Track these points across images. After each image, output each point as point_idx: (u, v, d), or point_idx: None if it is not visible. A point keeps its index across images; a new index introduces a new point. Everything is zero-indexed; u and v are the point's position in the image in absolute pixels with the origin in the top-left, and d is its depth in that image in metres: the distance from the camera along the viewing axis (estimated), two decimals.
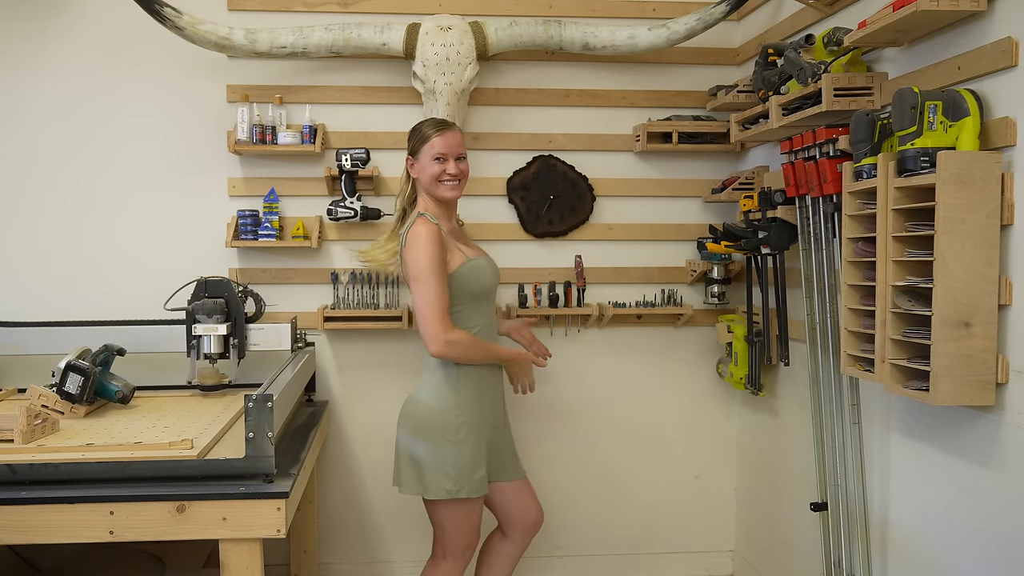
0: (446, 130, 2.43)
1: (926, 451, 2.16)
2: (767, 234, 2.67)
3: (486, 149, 3.22)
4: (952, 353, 1.85)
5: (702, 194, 3.29)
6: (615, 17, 3.22)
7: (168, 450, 2.09)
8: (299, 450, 2.39)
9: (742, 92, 2.95)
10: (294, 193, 3.17)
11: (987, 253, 1.84)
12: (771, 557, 3.09)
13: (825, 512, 2.52)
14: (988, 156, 1.84)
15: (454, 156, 2.41)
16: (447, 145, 2.40)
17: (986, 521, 1.95)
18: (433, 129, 2.42)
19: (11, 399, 2.78)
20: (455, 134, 2.44)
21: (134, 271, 3.13)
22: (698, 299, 3.30)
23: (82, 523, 1.98)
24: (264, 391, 2.09)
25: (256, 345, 2.88)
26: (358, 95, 3.17)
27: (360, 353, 3.24)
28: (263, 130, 3.04)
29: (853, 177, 2.15)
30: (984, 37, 1.92)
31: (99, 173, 3.12)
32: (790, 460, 2.92)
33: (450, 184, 2.41)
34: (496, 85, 3.21)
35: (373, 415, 3.25)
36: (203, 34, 2.93)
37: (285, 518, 2.00)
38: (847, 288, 2.19)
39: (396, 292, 3.19)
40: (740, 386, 3.07)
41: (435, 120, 2.50)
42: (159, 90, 3.12)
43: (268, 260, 3.19)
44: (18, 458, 2.05)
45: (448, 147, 2.40)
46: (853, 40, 2.17)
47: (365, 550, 3.29)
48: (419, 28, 2.99)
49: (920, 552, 2.19)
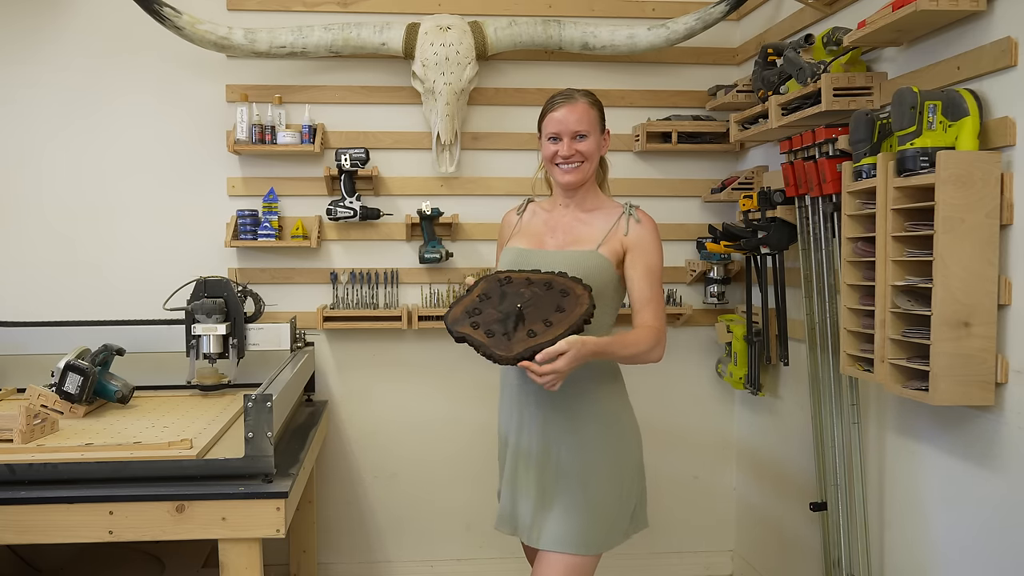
0: (563, 103, 2.04)
1: (925, 451, 2.16)
2: (766, 234, 2.67)
3: (486, 149, 3.22)
4: (951, 353, 1.85)
5: (701, 194, 3.29)
6: (615, 17, 3.22)
7: (167, 450, 2.09)
8: (298, 450, 2.39)
9: (741, 92, 2.95)
10: (293, 193, 3.17)
11: (986, 253, 1.84)
12: (771, 557, 3.09)
13: (825, 512, 2.52)
14: (988, 156, 1.84)
15: (569, 135, 2.02)
16: (560, 123, 2.02)
17: (986, 521, 1.95)
18: (550, 103, 2.06)
19: (10, 399, 2.77)
20: (572, 108, 2.02)
21: (133, 271, 3.13)
22: (697, 299, 3.29)
23: (81, 523, 1.98)
24: (263, 391, 2.09)
25: (255, 345, 2.88)
26: (357, 95, 3.17)
27: (359, 353, 3.24)
28: (262, 130, 3.04)
29: (852, 177, 2.15)
30: (983, 37, 1.92)
31: (98, 173, 3.12)
32: (790, 460, 2.92)
33: (565, 168, 2.04)
34: (495, 85, 3.21)
35: (373, 415, 3.25)
36: (202, 34, 2.93)
37: (284, 518, 2.00)
38: (846, 288, 2.19)
39: (395, 292, 3.19)
40: (740, 386, 3.07)
41: (560, 92, 2.08)
42: (158, 90, 3.12)
43: (267, 260, 3.19)
44: (17, 458, 2.04)
45: (561, 125, 2.02)
46: (852, 40, 2.17)
47: (365, 550, 3.29)
48: (418, 28, 2.99)
49: (920, 552, 2.19)
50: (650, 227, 2.05)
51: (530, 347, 1.77)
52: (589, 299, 1.85)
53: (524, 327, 1.82)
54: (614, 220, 2.05)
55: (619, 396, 2.09)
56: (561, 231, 2.09)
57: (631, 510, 2.07)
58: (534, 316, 1.84)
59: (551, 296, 1.88)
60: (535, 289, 1.90)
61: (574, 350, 1.78)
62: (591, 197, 2.11)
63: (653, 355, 1.98)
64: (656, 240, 2.05)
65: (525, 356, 1.76)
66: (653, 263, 2.02)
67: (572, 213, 2.10)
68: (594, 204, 2.10)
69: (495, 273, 1.97)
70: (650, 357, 1.98)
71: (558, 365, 1.76)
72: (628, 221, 2.04)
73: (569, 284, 1.90)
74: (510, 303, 1.88)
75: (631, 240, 2.02)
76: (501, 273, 1.97)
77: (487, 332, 1.84)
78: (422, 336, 3.25)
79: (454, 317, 1.91)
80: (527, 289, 1.90)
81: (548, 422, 2.02)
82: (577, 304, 1.85)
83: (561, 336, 1.78)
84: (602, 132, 2.09)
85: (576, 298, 1.86)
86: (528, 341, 1.79)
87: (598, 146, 2.08)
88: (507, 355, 1.78)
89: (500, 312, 1.87)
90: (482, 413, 3.27)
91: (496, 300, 1.91)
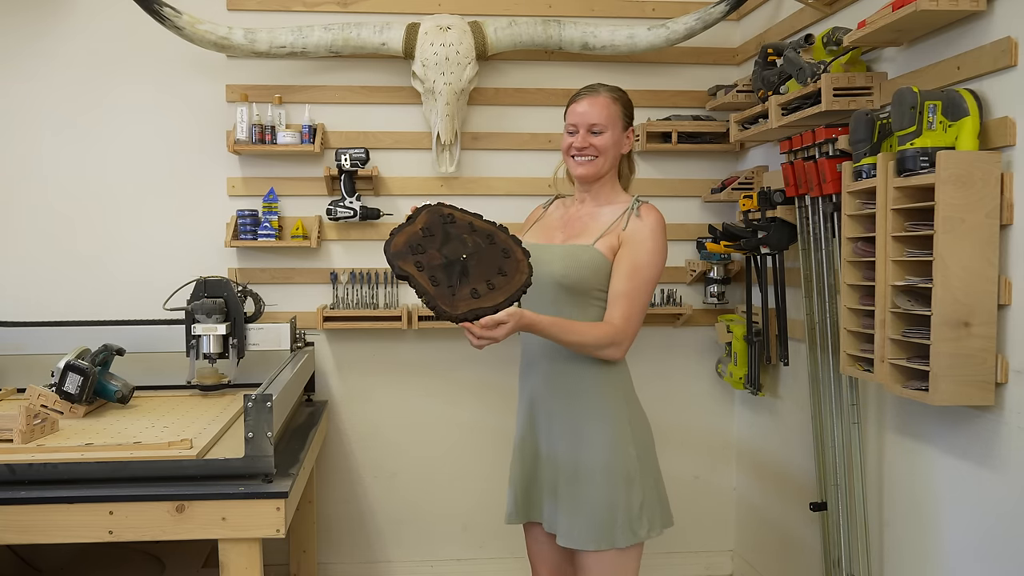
0: (585, 96, 2.04)
1: (925, 451, 2.16)
2: (766, 234, 2.67)
3: (486, 149, 3.22)
4: (951, 353, 1.85)
5: (701, 194, 3.29)
6: (614, 17, 3.22)
7: (167, 450, 2.09)
8: (298, 450, 2.39)
9: (741, 92, 2.95)
10: (293, 193, 3.17)
11: (986, 253, 1.84)
12: (771, 557, 3.09)
13: (825, 512, 2.52)
14: (987, 156, 1.84)
15: (586, 127, 2.02)
16: (579, 115, 2.03)
17: (986, 521, 1.95)
18: (574, 96, 2.07)
19: (10, 399, 2.77)
20: (593, 101, 2.02)
21: (133, 271, 3.13)
22: (697, 299, 3.29)
23: (81, 523, 1.98)
24: (263, 391, 2.09)
25: (255, 345, 2.88)
26: (357, 95, 3.17)
27: (359, 353, 3.24)
28: (262, 130, 3.04)
29: (852, 177, 2.15)
30: (983, 37, 1.92)
31: (98, 173, 3.12)
32: (790, 460, 2.92)
33: (578, 159, 2.04)
34: (495, 85, 3.21)
35: (373, 415, 3.25)
36: (202, 34, 2.93)
37: (284, 518, 2.00)
38: (846, 288, 2.19)
39: (395, 292, 3.19)
40: (739, 386, 3.07)
41: (588, 85, 2.09)
42: (158, 90, 3.12)
43: (267, 260, 3.19)
44: (17, 458, 2.04)
45: (579, 117, 2.02)
46: (852, 40, 2.17)
47: (365, 550, 3.29)
48: (418, 28, 2.99)
49: (919, 552, 2.19)
50: (650, 223, 2.00)
51: (473, 309, 1.82)
52: (528, 267, 1.89)
53: (468, 284, 1.86)
54: (619, 214, 2.03)
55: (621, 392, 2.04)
56: (573, 224, 2.08)
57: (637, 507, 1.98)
58: (477, 274, 1.87)
59: (493, 253, 1.91)
60: (477, 239, 1.92)
61: (512, 321, 1.82)
62: (607, 192, 2.08)
63: (604, 353, 1.95)
64: (652, 237, 1.99)
65: (468, 318, 1.82)
66: (640, 260, 1.97)
67: (587, 208, 2.09)
68: (609, 199, 2.08)
69: (438, 205, 1.96)
70: (600, 354, 1.96)
71: (496, 333, 1.81)
72: (630, 215, 2.02)
73: (510, 244, 1.92)
74: (453, 249, 1.89)
75: (627, 234, 1.99)
76: (444, 207, 1.96)
77: (431, 279, 1.86)
78: (422, 336, 3.25)
79: (396, 247, 1.88)
80: (470, 237, 1.92)
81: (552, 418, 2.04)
82: (517, 271, 1.88)
83: (502, 305, 1.83)
84: (625, 129, 2.06)
85: (516, 264, 1.89)
86: (471, 303, 1.83)
87: (616, 142, 2.04)
88: (451, 312, 1.82)
89: (443, 256, 1.88)
90: (482, 413, 3.27)
91: (439, 239, 1.91)
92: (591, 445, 1.98)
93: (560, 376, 2.02)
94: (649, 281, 1.98)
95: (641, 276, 1.97)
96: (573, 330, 1.92)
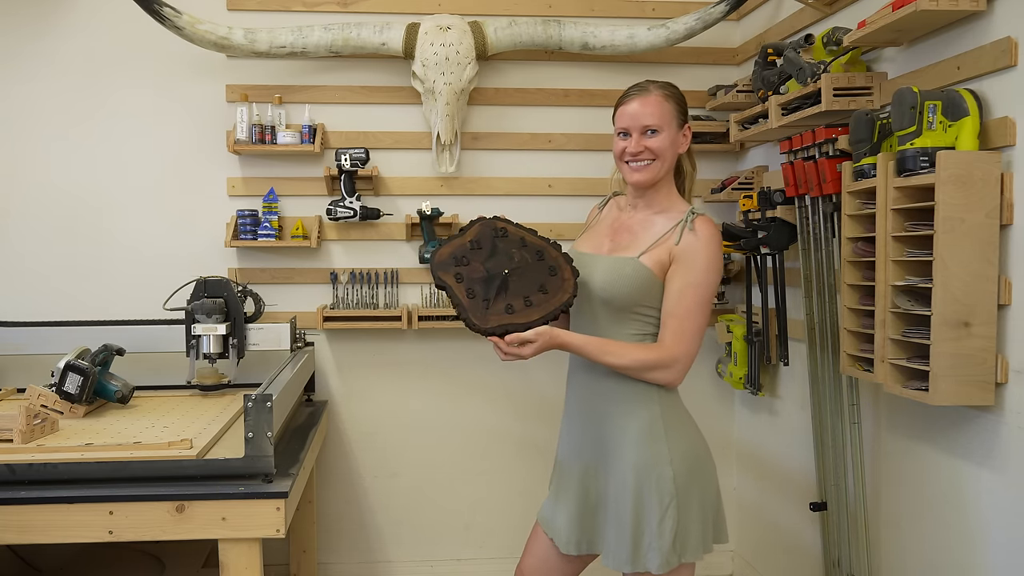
0: (636, 95, 1.91)
1: (925, 451, 2.16)
2: (766, 234, 2.67)
3: (486, 149, 3.22)
4: (951, 353, 1.85)
5: (701, 194, 3.28)
6: (614, 17, 3.22)
7: (167, 450, 2.09)
8: (298, 450, 2.39)
9: (741, 92, 2.95)
10: (293, 193, 3.17)
11: (986, 253, 1.84)
12: (771, 557, 3.09)
13: (825, 512, 2.52)
14: (987, 156, 1.84)
15: (639, 129, 1.89)
16: (630, 116, 1.89)
17: (986, 521, 1.95)
18: (623, 96, 1.93)
19: (10, 399, 2.77)
20: (645, 101, 1.89)
21: (133, 271, 3.13)
22: None
23: (81, 523, 1.98)
24: (263, 391, 2.09)
25: (255, 345, 2.88)
26: (357, 95, 3.17)
27: (359, 353, 3.24)
28: (262, 130, 3.04)
29: (852, 177, 2.15)
30: (983, 37, 1.92)
31: (98, 172, 3.12)
32: (790, 460, 2.91)
33: (634, 165, 1.91)
34: (495, 85, 3.21)
35: (373, 415, 3.25)
36: (202, 34, 2.93)
37: (284, 518, 2.00)
38: (846, 288, 2.19)
39: (395, 292, 3.19)
40: (739, 386, 3.07)
41: (636, 83, 1.95)
42: (158, 90, 3.12)
43: (267, 260, 3.19)
44: (17, 458, 2.05)
45: (631, 119, 1.89)
46: (852, 40, 2.17)
47: (365, 550, 3.29)
48: (418, 28, 2.99)
49: (919, 552, 2.19)
50: (705, 238, 1.85)
51: (503, 324, 1.81)
52: (574, 286, 1.86)
53: (505, 298, 1.83)
54: (671, 226, 1.89)
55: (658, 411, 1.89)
56: (624, 233, 1.96)
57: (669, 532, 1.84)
58: (517, 288, 1.85)
59: (539, 270, 1.89)
60: (526, 255, 1.90)
61: (541, 341, 1.80)
62: (661, 198, 1.94)
63: (652, 376, 1.85)
64: (709, 254, 1.85)
65: (497, 332, 1.80)
66: (693, 279, 1.83)
67: (641, 215, 1.96)
68: (664, 206, 1.94)
69: (493, 219, 1.95)
70: (647, 376, 1.85)
71: (522, 351, 1.79)
72: (683, 229, 1.86)
73: (560, 262, 1.90)
74: (498, 263, 1.88)
75: (679, 250, 1.85)
76: (499, 221, 1.95)
77: (468, 291, 1.84)
78: (422, 336, 3.25)
79: (441, 258, 1.88)
80: (518, 252, 1.90)
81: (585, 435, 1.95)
82: (561, 289, 1.86)
83: (535, 323, 1.81)
84: (680, 127, 1.92)
85: (562, 282, 1.87)
86: (503, 317, 1.81)
87: (673, 143, 1.90)
88: (481, 325, 1.81)
89: (486, 270, 1.87)
90: (483, 413, 3.27)
91: (486, 252, 1.89)
92: (620, 466, 1.88)
93: (593, 395, 1.93)
94: (704, 301, 1.85)
95: (694, 295, 1.84)
96: (610, 351, 1.84)
